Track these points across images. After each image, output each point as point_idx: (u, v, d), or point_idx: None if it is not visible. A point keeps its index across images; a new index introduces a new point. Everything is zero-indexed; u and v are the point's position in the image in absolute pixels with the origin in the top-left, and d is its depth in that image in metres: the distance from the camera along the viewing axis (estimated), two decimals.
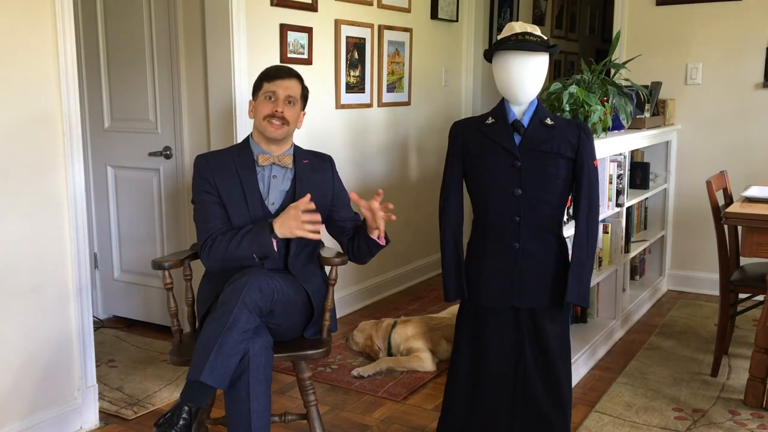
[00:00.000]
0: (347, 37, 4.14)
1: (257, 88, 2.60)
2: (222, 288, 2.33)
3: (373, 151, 4.49)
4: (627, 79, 3.97)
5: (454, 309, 3.81)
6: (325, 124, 4.07)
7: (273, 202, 2.55)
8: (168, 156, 3.75)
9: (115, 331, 3.98)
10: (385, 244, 2.52)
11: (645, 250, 4.72)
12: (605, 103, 3.30)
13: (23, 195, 2.63)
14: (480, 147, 2.34)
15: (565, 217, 2.68)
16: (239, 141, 3.28)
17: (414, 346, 3.49)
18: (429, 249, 5.13)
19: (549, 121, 2.32)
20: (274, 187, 2.56)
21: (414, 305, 4.50)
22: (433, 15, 4.89)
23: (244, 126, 3.46)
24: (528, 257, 2.34)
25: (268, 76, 2.58)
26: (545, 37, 2.30)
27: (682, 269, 4.85)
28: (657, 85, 4.40)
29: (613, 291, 3.83)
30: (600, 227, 3.37)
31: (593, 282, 3.44)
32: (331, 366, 3.49)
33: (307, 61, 3.85)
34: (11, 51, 2.55)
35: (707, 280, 4.69)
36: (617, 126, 3.66)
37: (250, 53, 3.50)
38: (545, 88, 3.11)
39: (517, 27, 2.28)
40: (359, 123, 4.35)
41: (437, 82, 5.09)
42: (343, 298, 4.24)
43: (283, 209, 2.52)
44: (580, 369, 3.36)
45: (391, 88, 4.58)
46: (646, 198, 4.58)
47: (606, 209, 3.58)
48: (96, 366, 2.97)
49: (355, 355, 3.64)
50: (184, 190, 3.70)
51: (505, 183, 2.30)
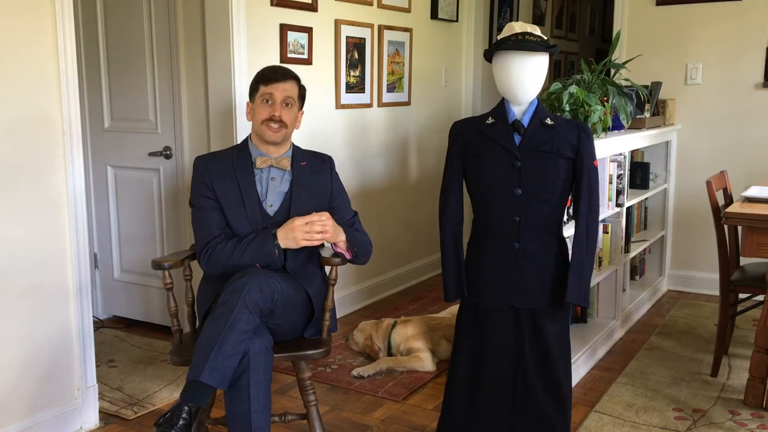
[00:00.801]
0: (347, 37, 4.14)
1: (254, 90, 2.59)
2: (222, 288, 2.33)
3: (373, 151, 4.49)
4: (627, 79, 3.97)
5: (454, 309, 3.81)
6: (325, 124, 4.07)
7: (271, 204, 2.54)
8: (168, 156, 3.75)
9: (115, 331, 3.98)
10: (351, 256, 2.55)
11: (645, 250, 4.72)
12: (605, 103, 3.30)
13: (23, 195, 2.63)
14: (480, 147, 2.34)
15: (565, 217, 2.68)
16: (239, 141, 3.29)
17: (414, 346, 3.49)
18: (429, 249, 5.13)
19: (549, 121, 2.32)
20: (272, 189, 2.56)
21: (414, 305, 4.50)
22: (433, 15, 4.89)
23: (244, 126, 3.46)
24: (528, 257, 2.34)
25: (264, 78, 2.56)
26: (545, 37, 2.30)
27: (682, 269, 4.85)
28: (657, 85, 4.40)
29: (613, 291, 3.83)
30: (600, 227, 3.37)
31: (593, 282, 3.44)
32: (331, 366, 3.49)
33: (307, 61, 3.85)
34: (11, 51, 2.55)
35: (707, 280, 4.69)
36: (617, 126, 3.66)
37: (250, 53, 3.50)
38: (545, 88, 3.11)
39: (517, 27, 2.28)
40: (359, 123, 4.34)
41: (437, 82, 5.09)
42: (343, 298, 4.24)
43: (282, 211, 2.53)
44: (580, 369, 3.36)
45: (391, 88, 4.58)
46: (646, 198, 4.57)
47: (606, 209, 3.58)
48: (96, 366, 2.97)
49: (355, 355, 3.64)
50: (184, 190, 3.70)
51: (505, 183, 2.30)
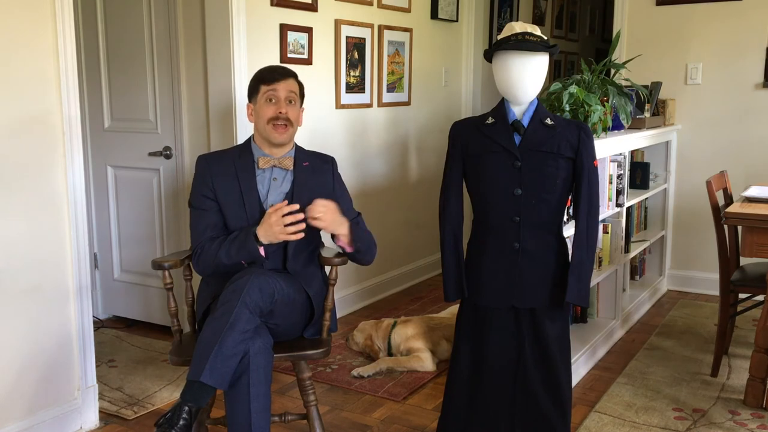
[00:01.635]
0: (347, 37, 4.14)
1: (254, 90, 2.58)
2: (222, 288, 2.34)
3: (373, 151, 4.49)
4: (627, 79, 3.97)
5: (454, 309, 3.81)
6: (325, 124, 4.07)
7: (272, 204, 2.53)
8: (168, 156, 3.75)
9: (115, 331, 3.98)
10: (352, 250, 2.52)
11: (645, 250, 4.72)
12: (605, 103, 3.30)
13: (23, 195, 2.63)
14: (480, 147, 2.34)
15: (565, 217, 2.68)
16: (239, 141, 3.29)
17: (414, 346, 3.49)
18: (429, 249, 5.13)
19: (549, 121, 2.32)
20: (274, 189, 2.56)
21: (414, 305, 4.50)
22: (433, 15, 4.89)
23: (244, 126, 3.46)
24: (528, 257, 2.34)
25: (264, 78, 2.56)
26: (545, 37, 2.30)
27: (682, 269, 4.85)
28: (657, 85, 4.40)
29: (613, 291, 3.83)
30: (600, 227, 3.37)
31: (593, 282, 3.44)
32: (331, 366, 3.49)
33: (307, 61, 3.85)
34: (12, 51, 2.55)
35: (707, 280, 4.69)
36: (617, 126, 3.66)
37: (250, 53, 3.50)
38: (545, 88, 3.11)
39: (517, 27, 2.28)
40: (359, 123, 4.34)
41: (437, 82, 5.09)
42: (343, 298, 4.24)
43: None
44: (580, 369, 3.36)
45: (391, 88, 4.58)
46: (646, 198, 4.57)
47: (606, 209, 3.58)
48: (96, 366, 2.97)
49: (355, 355, 3.64)
50: (184, 190, 3.69)
51: (505, 183, 2.30)
